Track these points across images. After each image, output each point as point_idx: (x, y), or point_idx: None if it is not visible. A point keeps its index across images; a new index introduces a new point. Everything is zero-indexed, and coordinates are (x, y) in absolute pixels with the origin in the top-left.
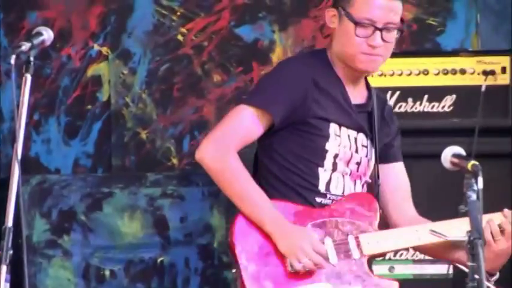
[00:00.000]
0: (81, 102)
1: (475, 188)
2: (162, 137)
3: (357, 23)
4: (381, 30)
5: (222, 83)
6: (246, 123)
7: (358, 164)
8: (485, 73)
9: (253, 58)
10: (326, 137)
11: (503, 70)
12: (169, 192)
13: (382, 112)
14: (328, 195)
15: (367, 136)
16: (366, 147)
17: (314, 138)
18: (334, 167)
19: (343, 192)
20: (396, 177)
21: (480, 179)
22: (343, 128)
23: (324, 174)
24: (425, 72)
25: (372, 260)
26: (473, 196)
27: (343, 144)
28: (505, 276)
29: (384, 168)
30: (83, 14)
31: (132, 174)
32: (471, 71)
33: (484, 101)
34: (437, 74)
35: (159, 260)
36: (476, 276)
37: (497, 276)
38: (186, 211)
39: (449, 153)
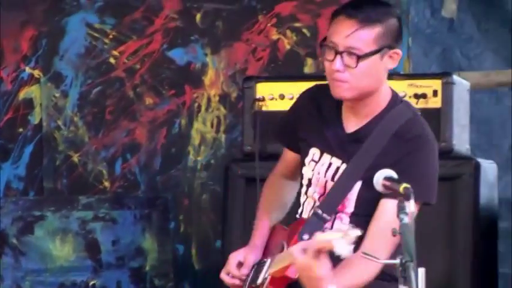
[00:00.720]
0: (13, 125)
1: (407, 210)
2: (94, 160)
3: (321, 45)
4: (340, 53)
5: (154, 106)
6: (283, 152)
7: None
8: (417, 96)
9: (185, 81)
10: (303, 162)
11: (435, 93)
12: (101, 215)
13: (383, 145)
14: None
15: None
16: (340, 175)
17: (300, 162)
18: (307, 192)
19: None
20: (376, 212)
21: (412, 202)
22: (325, 155)
23: (302, 198)
24: None
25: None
26: (406, 219)
27: (318, 170)
28: None
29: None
30: (15, 37)
31: (64, 197)
32: (403, 94)
33: None
34: None
35: (91, 284)
36: None
37: None
38: (118, 234)
39: (381, 176)
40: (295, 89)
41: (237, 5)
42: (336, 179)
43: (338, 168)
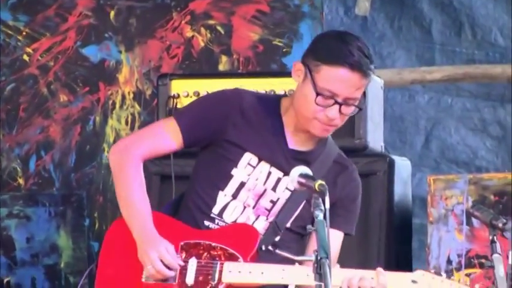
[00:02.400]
0: None
1: (322, 207)
2: (8, 157)
3: (318, 93)
4: (340, 104)
5: (69, 103)
6: (160, 134)
7: (273, 202)
8: None
9: (99, 78)
10: (234, 163)
11: None
12: (16, 212)
13: (334, 176)
14: (217, 221)
15: None
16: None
17: (222, 161)
18: (236, 195)
19: (235, 221)
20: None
21: (327, 199)
22: (263, 162)
23: (222, 198)
24: (272, 93)
25: None
26: (321, 216)
27: (256, 176)
28: None
29: None
30: None
31: None
32: None
33: None
34: (284, 94)
35: (5, 281)
36: None
37: None
38: (32, 231)
39: (296, 173)
40: (210, 86)
41: (150, 2)
42: (277, 189)
43: (279, 179)
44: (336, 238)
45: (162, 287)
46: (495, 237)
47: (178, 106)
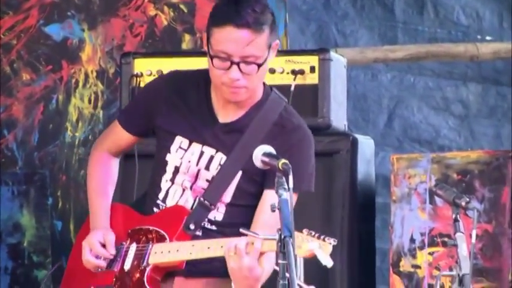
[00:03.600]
0: None
1: (286, 186)
2: None
3: (213, 56)
4: (237, 63)
5: (31, 82)
6: (114, 131)
7: (209, 181)
8: (294, 72)
9: (62, 57)
10: (167, 149)
11: (312, 69)
12: None
13: (272, 139)
14: (161, 206)
15: (228, 156)
16: (222, 165)
17: (159, 148)
18: (173, 179)
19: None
20: (260, 202)
21: (291, 178)
22: (195, 143)
23: (165, 184)
24: None
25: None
26: (284, 194)
27: (188, 158)
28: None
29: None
30: None
31: None
32: (280, 70)
33: (293, 100)
34: None
35: None
36: (287, 274)
37: None
38: None
39: (260, 152)
40: (173, 65)
41: None
42: (211, 167)
43: (212, 157)
44: (270, 199)
45: (106, 273)
46: (458, 216)
47: (141, 85)
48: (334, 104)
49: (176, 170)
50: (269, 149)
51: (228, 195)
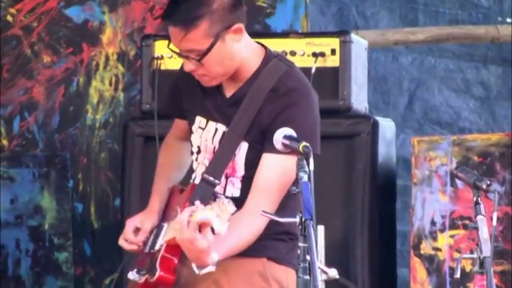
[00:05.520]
0: None
1: (307, 169)
2: None
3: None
4: (184, 57)
5: (52, 64)
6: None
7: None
8: (315, 55)
9: (83, 39)
10: (191, 130)
11: (333, 52)
12: None
13: (266, 104)
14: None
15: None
16: (221, 138)
17: (188, 130)
18: (197, 159)
19: None
20: (258, 166)
21: (311, 161)
22: (210, 122)
23: (195, 165)
24: None
25: None
26: (305, 177)
27: (205, 137)
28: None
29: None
30: None
31: None
32: (301, 52)
33: (314, 83)
34: None
35: None
36: (308, 257)
37: None
38: (16, 193)
39: (280, 135)
40: None
41: None
42: None
43: (224, 133)
44: (273, 163)
45: (145, 255)
46: (479, 199)
47: (162, 67)
48: (354, 87)
49: (199, 150)
50: (289, 131)
51: (240, 169)
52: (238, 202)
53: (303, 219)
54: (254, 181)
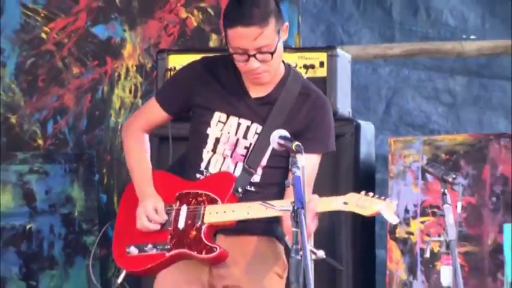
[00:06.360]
0: None
1: (299, 165)
2: (29, 121)
3: (231, 52)
4: (254, 55)
5: (80, 75)
6: (149, 110)
7: (247, 148)
8: (306, 67)
9: (107, 53)
10: (207, 124)
11: (321, 64)
12: (36, 168)
13: (299, 107)
14: (205, 173)
15: (263, 125)
16: (259, 134)
17: (198, 124)
18: (215, 150)
19: (219, 171)
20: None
21: (302, 158)
22: (232, 117)
23: (206, 155)
24: None
25: (217, 229)
26: (298, 172)
27: (227, 130)
28: None
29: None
30: None
31: (3, 153)
32: (294, 64)
33: None
34: None
35: (27, 227)
36: (300, 240)
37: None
38: (50, 185)
39: (276, 136)
40: None
41: None
42: (248, 136)
43: (248, 127)
44: (310, 161)
45: (159, 232)
46: (446, 190)
47: None
48: (340, 94)
49: (217, 141)
50: (284, 132)
51: (264, 159)
52: (257, 186)
53: (296, 208)
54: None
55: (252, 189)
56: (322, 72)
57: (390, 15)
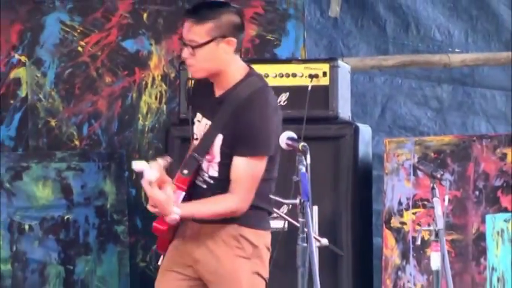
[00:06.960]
0: (6, 98)
1: (305, 163)
2: (67, 124)
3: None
4: (184, 44)
5: (112, 83)
6: None
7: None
8: (311, 76)
9: (135, 64)
10: (193, 122)
11: (324, 74)
12: (73, 166)
13: (238, 110)
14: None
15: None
16: (207, 129)
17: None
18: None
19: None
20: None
21: (308, 156)
22: (204, 118)
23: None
24: (266, 76)
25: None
26: (303, 169)
27: (200, 129)
28: None
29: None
30: (7, 31)
31: (44, 152)
32: (300, 74)
33: (310, 97)
34: (275, 77)
35: (65, 218)
36: (305, 229)
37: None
38: (85, 180)
39: (284, 137)
40: None
41: (174, 7)
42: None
43: (206, 123)
44: (238, 164)
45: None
46: (435, 185)
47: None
48: (341, 100)
49: (196, 138)
50: (291, 134)
51: (217, 157)
52: (217, 181)
53: (302, 201)
54: (232, 180)
55: (212, 182)
56: (325, 81)
57: (384, 31)
